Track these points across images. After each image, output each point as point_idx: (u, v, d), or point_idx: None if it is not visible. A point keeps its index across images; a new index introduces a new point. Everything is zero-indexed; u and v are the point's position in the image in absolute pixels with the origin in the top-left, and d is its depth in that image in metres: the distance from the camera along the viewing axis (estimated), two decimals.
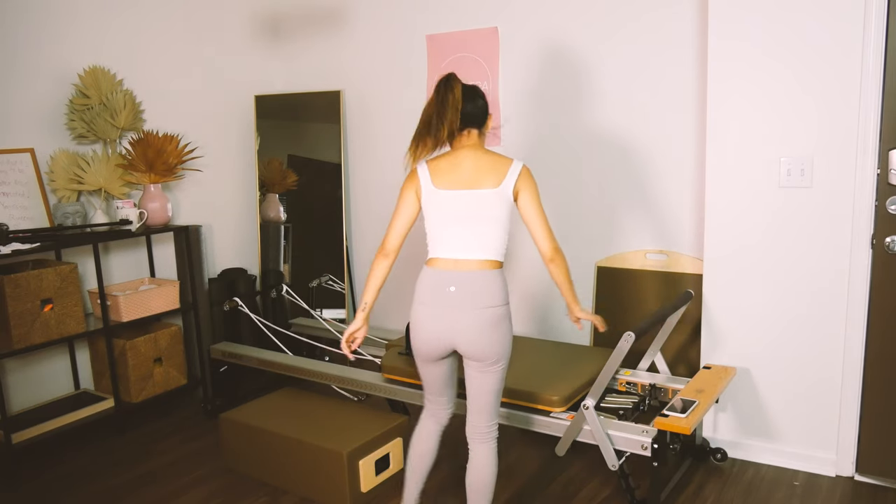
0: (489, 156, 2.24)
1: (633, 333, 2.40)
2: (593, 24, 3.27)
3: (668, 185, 3.21)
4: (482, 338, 2.15)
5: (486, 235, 2.19)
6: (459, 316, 2.15)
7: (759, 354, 2.90)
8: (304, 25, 4.21)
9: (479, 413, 2.26)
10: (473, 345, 2.16)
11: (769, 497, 2.68)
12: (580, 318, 2.35)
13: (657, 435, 2.44)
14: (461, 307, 2.15)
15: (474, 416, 2.27)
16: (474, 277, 2.16)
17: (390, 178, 4.04)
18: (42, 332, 3.04)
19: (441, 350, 2.22)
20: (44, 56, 3.30)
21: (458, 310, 2.15)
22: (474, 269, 2.17)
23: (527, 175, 2.23)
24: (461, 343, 2.18)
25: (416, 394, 2.98)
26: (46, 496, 2.89)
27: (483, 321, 2.15)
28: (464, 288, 2.16)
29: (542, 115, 3.48)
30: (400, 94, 3.92)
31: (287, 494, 2.83)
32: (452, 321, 2.16)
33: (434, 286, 2.19)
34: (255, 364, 3.51)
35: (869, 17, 2.50)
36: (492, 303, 2.16)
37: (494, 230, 2.19)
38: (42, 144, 3.31)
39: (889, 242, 2.62)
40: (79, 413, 3.23)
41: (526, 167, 2.24)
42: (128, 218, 3.37)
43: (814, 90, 2.63)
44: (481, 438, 2.27)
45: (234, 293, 3.86)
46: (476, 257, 2.18)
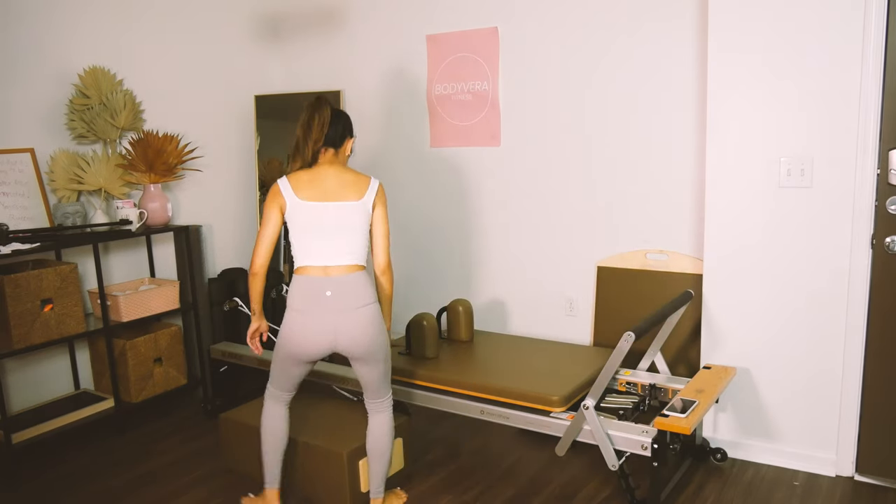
0: (350, 172, 2.49)
1: (633, 333, 2.40)
2: (594, 24, 3.27)
3: (669, 185, 3.21)
4: (365, 336, 2.39)
5: (352, 244, 2.42)
6: (340, 318, 2.37)
7: (759, 354, 2.90)
8: (304, 25, 4.21)
9: (374, 393, 2.54)
10: (357, 344, 2.39)
11: (769, 497, 2.68)
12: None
13: (657, 435, 2.44)
14: (339, 309, 2.36)
15: (369, 395, 2.55)
16: (347, 281, 2.38)
17: (390, 179, 4.04)
18: (42, 332, 3.04)
19: (319, 353, 2.43)
20: (44, 56, 3.30)
21: (337, 312, 2.36)
22: (345, 273, 2.39)
23: (382, 192, 2.52)
24: (344, 343, 2.39)
25: (416, 394, 2.98)
26: (46, 496, 2.89)
27: (362, 319, 2.38)
28: (339, 290, 2.37)
29: (541, 115, 3.48)
30: (400, 94, 3.92)
31: (287, 494, 2.83)
32: (335, 324, 2.37)
33: (309, 293, 2.38)
34: (255, 364, 3.51)
35: (869, 17, 2.50)
36: (366, 301, 2.40)
37: (359, 238, 2.43)
38: (42, 144, 3.31)
39: (889, 242, 2.62)
40: (79, 413, 3.23)
41: (381, 185, 2.54)
42: (128, 218, 3.37)
43: (814, 90, 2.63)
44: (377, 409, 2.55)
45: (234, 293, 3.86)
46: (345, 263, 2.40)
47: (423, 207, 3.95)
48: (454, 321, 3.34)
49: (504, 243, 3.72)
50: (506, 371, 2.92)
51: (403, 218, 4.04)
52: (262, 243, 2.42)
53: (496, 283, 3.78)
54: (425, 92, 3.83)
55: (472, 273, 3.86)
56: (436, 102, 3.80)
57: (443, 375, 2.93)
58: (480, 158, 3.71)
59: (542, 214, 3.57)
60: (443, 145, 3.82)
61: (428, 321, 3.10)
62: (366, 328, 2.39)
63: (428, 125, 3.86)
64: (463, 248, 3.86)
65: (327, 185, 2.42)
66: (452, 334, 3.36)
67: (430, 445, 3.22)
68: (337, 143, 2.51)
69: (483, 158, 3.71)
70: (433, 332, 3.10)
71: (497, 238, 3.74)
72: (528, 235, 3.63)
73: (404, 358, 3.12)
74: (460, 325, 3.33)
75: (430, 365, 3.03)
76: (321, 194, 2.41)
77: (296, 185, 2.41)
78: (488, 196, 3.72)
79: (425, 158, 3.90)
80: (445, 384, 2.91)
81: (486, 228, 3.76)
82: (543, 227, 3.57)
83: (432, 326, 3.10)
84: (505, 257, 3.73)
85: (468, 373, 2.92)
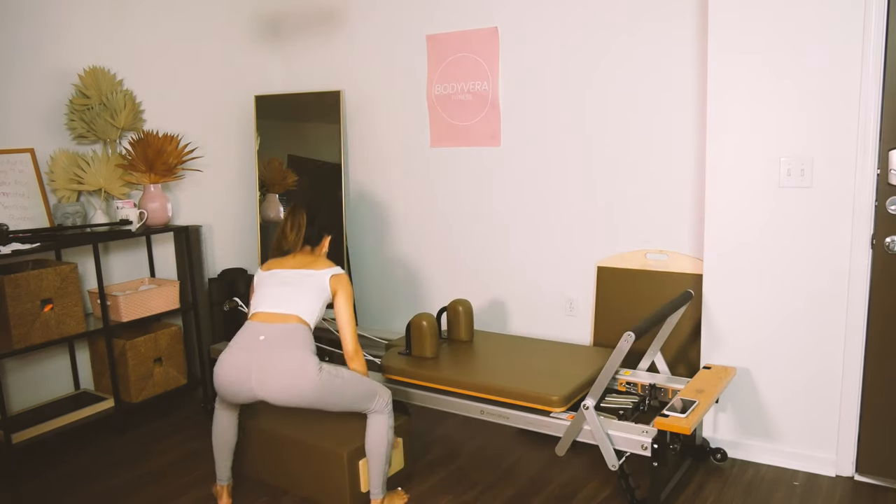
0: (316, 259, 2.71)
1: (633, 333, 2.40)
2: (594, 24, 3.27)
3: (669, 185, 3.21)
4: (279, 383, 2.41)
5: (299, 301, 2.55)
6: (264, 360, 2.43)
7: (759, 354, 2.90)
8: (304, 25, 4.21)
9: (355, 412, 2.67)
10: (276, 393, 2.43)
11: (769, 497, 2.68)
12: None
13: (657, 435, 2.44)
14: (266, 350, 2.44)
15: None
16: (281, 328, 2.49)
17: (390, 179, 4.04)
18: (42, 332, 3.04)
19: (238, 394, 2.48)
20: (44, 56, 3.30)
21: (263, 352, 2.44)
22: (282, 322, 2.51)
23: (343, 279, 2.64)
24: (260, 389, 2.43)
25: (416, 394, 2.98)
26: (46, 496, 2.89)
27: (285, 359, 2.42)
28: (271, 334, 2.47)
29: (541, 115, 3.49)
30: (400, 94, 3.92)
31: (287, 494, 2.83)
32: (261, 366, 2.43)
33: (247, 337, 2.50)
34: None
35: (869, 17, 2.50)
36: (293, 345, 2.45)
37: (306, 297, 2.57)
38: (42, 144, 3.31)
39: (889, 242, 2.62)
40: (79, 413, 3.23)
41: (344, 273, 2.67)
42: (128, 218, 3.37)
43: (814, 90, 2.64)
44: (369, 416, 2.61)
45: (234, 293, 3.86)
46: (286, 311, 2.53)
47: (423, 207, 3.95)
48: (454, 321, 3.34)
49: (504, 243, 3.72)
50: (506, 371, 2.92)
51: (403, 218, 4.04)
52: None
53: (496, 283, 3.78)
54: (425, 92, 3.83)
55: (472, 273, 3.86)
56: (436, 102, 3.80)
57: (443, 375, 2.93)
58: (480, 158, 3.71)
59: (543, 214, 3.57)
60: (443, 145, 3.82)
61: (428, 321, 3.10)
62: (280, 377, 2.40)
63: (428, 125, 3.86)
64: (463, 248, 3.86)
65: (290, 262, 2.69)
66: (452, 334, 3.36)
67: (430, 445, 3.22)
68: (314, 242, 2.78)
69: (483, 158, 3.71)
70: (433, 332, 3.10)
71: (497, 238, 3.74)
72: (528, 235, 3.63)
73: (404, 358, 3.12)
74: (460, 325, 3.33)
75: (430, 365, 3.03)
76: (282, 266, 2.68)
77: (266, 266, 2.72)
78: (488, 196, 3.72)
79: (425, 158, 3.90)
80: (445, 384, 2.91)
81: (487, 228, 3.76)
82: (543, 227, 3.57)
83: (432, 326, 3.10)
84: (505, 257, 3.73)
85: (468, 373, 2.92)
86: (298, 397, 2.42)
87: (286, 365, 2.41)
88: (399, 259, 4.10)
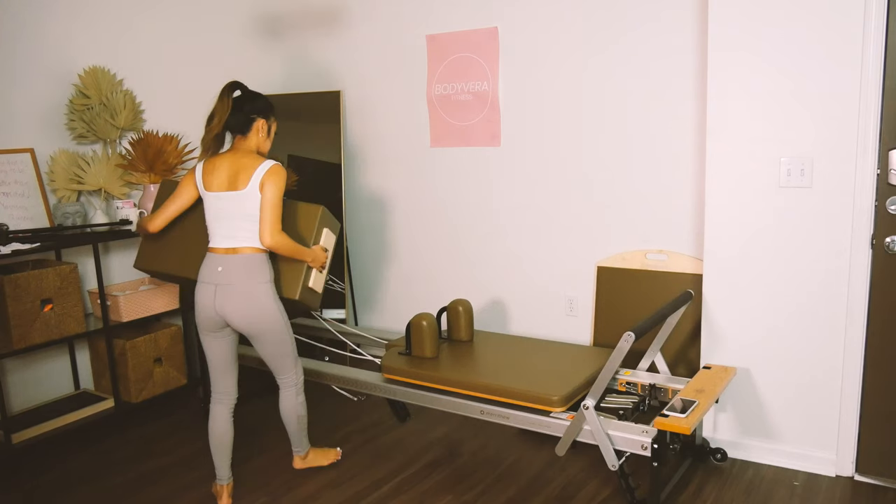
0: (246, 158, 2.62)
1: (633, 333, 2.40)
2: (594, 24, 3.27)
3: (669, 185, 3.21)
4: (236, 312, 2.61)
5: (244, 229, 2.61)
6: (221, 290, 2.61)
7: (759, 354, 2.90)
8: (304, 25, 4.20)
9: (274, 371, 2.83)
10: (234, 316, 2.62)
11: (769, 497, 2.68)
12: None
13: (657, 435, 2.44)
14: (222, 283, 2.60)
15: (273, 372, 2.84)
16: (237, 260, 2.60)
17: (390, 179, 4.04)
18: (42, 332, 3.04)
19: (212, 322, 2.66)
20: (44, 56, 3.30)
21: (223, 285, 2.60)
22: (237, 254, 2.61)
23: (271, 175, 2.59)
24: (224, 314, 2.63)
25: (416, 394, 2.98)
26: (46, 496, 2.89)
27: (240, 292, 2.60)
28: (228, 267, 2.60)
29: (541, 115, 3.49)
30: (400, 94, 3.92)
31: (287, 494, 2.83)
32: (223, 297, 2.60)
33: (208, 267, 2.64)
34: (256, 364, 3.51)
35: (869, 17, 2.50)
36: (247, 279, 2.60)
37: (246, 225, 2.61)
38: (42, 144, 3.31)
39: (889, 242, 2.62)
40: (79, 413, 3.23)
41: (275, 166, 2.61)
42: (128, 218, 3.37)
43: (814, 90, 2.64)
44: (281, 386, 2.85)
45: None
46: (236, 245, 2.62)
47: (423, 207, 3.95)
48: (454, 321, 3.34)
49: (504, 243, 3.72)
50: (506, 371, 2.92)
51: (403, 218, 4.04)
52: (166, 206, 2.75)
53: (496, 283, 3.78)
54: (425, 92, 3.83)
55: (472, 273, 3.86)
56: (436, 102, 3.80)
57: (443, 375, 2.93)
58: (480, 158, 3.71)
59: (543, 214, 3.57)
60: (443, 145, 3.82)
61: (428, 321, 3.10)
62: (229, 305, 2.60)
63: (428, 125, 3.86)
64: (463, 248, 3.86)
65: (222, 173, 2.63)
66: (452, 334, 3.36)
67: (430, 445, 3.22)
68: (242, 129, 2.66)
69: (483, 158, 3.71)
70: (433, 332, 3.10)
71: (497, 238, 3.74)
72: (528, 235, 3.63)
73: (404, 358, 3.12)
74: (460, 325, 3.33)
75: (430, 365, 3.03)
76: (217, 184, 2.63)
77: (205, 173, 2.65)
78: (488, 196, 3.72)
79: (425, 158, 3.90)
80: (445, 384, 2.91)
81: (487, 228, 3.76)
82: (543, 227, 3.57)
83: (432, 326, 3.10)
84: (505, 257, 3.73)
85: (468, 373, 2.92)
86: (254, 324, 2.64)
87: (242, 296, 2.60)
88: (399, 259, 4.10)
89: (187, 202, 2.74)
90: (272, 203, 2.58)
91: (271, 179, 2.58)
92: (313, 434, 3.34)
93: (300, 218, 2.84)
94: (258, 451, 3.23)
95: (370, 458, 3.10)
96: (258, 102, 2.66)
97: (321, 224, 2.84)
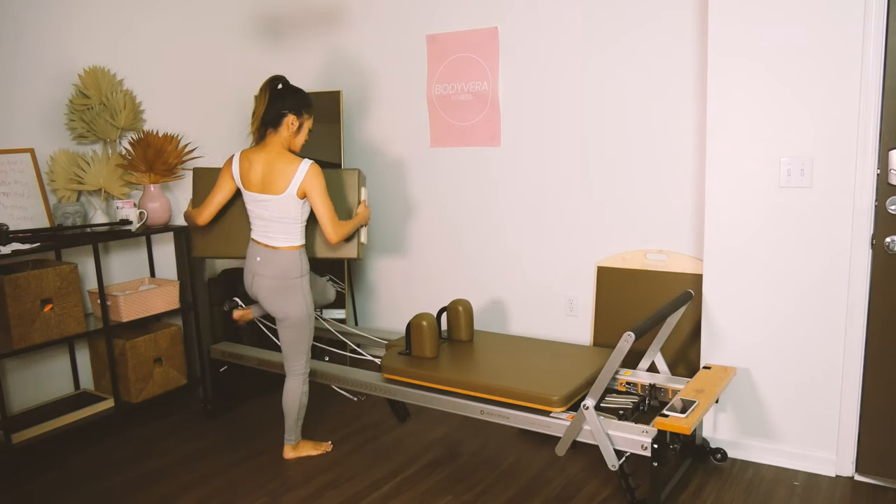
0: (280, 161, 2.76)
1: (633, 333, 2.40)
2: (594, 24, 3.27)
3: (669, 185, 3.21)
4: (265, 300, 2.90)
5: (279, 231, 2.82)
6: (256, 279, 2.89)
7: (759, 354, 2.90)
8: (304, 25, 4.20)
9: (285, 357, 3.02)
10: (265, 302, 2.91)
11: (769, 497, 2.68)
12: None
13: (657, 435, 2.44)
14: (258, 273, 2.87)
15: (285, 358, 3.02)
16: (273, 256, 2.84)
17: (390, 179, 4.04)
18: (42, 332, 3.04)
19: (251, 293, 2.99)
20: (44, 56, 3.30)
21: (259, 275, 2.87)
22: (274, 250, 2.84)
23: (308, 179, 2.75)
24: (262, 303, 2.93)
25: (416, 394, 2.98)
26: (47, 496, 2.89)
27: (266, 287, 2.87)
28: (265, 261, 2.85)
29: (541, 115, 3.49)
30: (400, 94, 3.92)
31: (287, 494, 2.83)
32: (258, 285, 2.89)
33: (249, 255, 2.93)
34: (255, 364, 3.51)
35: (869, 17, 2.50)
36: (282, 275, 2.84)
37: (283, 227, 2.82)
38: (42, 144, 3.31)
39: (889, 242, 2.62)
40: (79, 413, 3.23)
41: (311, 169, 2.75)
42: (128, 218, 3.37)
43: (814, 90, 2.64)
44: (288, 373, 3.03)
45: (234, 293, 3.86)
46: (274, 244, 2.84)
47: (423, 207, 3.95)
48: (454, 321, 3.34)
49: (504, 243, 3.72)
50: (506, 371, 2.92)
51: (403, 218, 4.04)
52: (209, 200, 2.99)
53: (496, 283, 3.78)
54: (425, 92, 3.83)
55: (472, 273, 3.86)
56: (436, 102, 3.80)
57: (443, 375, 2.93)
58: (480, 158, 3.72)
59: (542, 214, 3.57)
60: (443, 145, 3.82)
61: (428, 321, 3.10)
62: (263, 290, 2.88)
63: (428, 125, 3.86)
64: (463, 247, 3.86)
65: (257, 172, 2.79)
66: (452, 334, 3.36)
67: (430, 445, 3.22)
68: (274, 124, 2.77)
69: (483, 158, 3.71)
70: (433, 332, 3.10)
71: (497, 238, 3.74)
72: (528, 235, 3.63)
73: (404, 358, 3.12)
74: (460, 325, 3.33)
75: (430, 365, 3.03)
76: (253, 184, 2.81)
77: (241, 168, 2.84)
78: (488, 196, 3.72)
79: (425, 158, 3.90)
80: (445, 384, 2.91)
81: (487, 228, 3.76)
82: (543, 227, 3.58)
83: (432, 326, 3.10)
84: (505, 257, 3.73)
85: (468, 373, 2.92)
86: (280, 312, 2.89)
87: (274, 288, 2.85)
88: (399, 259, 4.10)
89: (228, 194, 2.95)
90: (324, 205, 2.78)
91: (313, 184, 2.75)
92: (314, 435, 3.34)
93: (343, 184, 3.09)
94: (258, 451, 3.23)
95: (370, 458, 3.11)
96: (291, 99, 2.75)
97: (360, 184, 3.09)
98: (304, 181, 2.73)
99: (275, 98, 2.72)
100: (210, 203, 2.97)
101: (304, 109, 2.78)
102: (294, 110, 2.74)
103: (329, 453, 3.16)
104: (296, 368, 3.01)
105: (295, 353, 2.99)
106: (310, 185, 2.74)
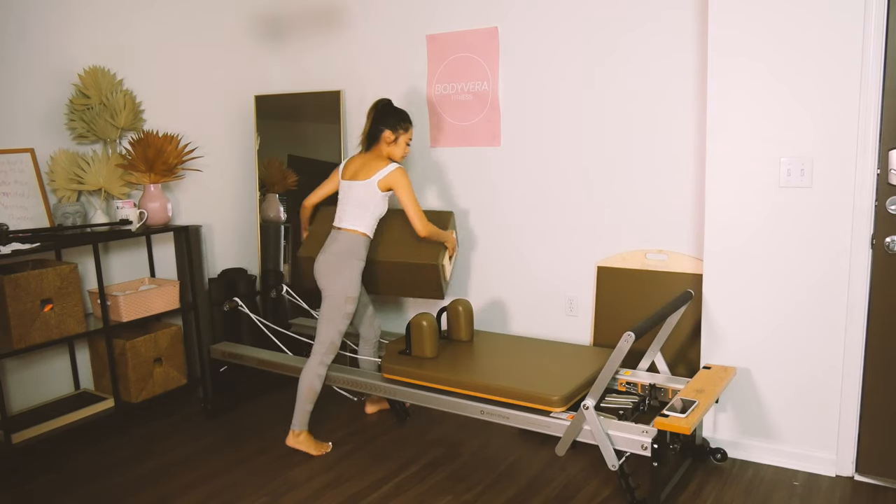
0: (375, 161, 3.14)
1: (633, 333, 2.40)
2: (594, 24, 3.27)
3: (669, 185, 3.21)
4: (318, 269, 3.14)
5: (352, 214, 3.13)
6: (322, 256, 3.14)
7: (759, 354, 2.90)
8: (304, 25, 4.21)
9: (316, 335, 3.18)
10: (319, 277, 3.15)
11: (769, 497, 2.68)
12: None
13: (657, 435, 2.44)
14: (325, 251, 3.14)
15: (316, 337, 3.18)
16: (339, 236, 3.13)
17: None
18: (42, 332, 3.04)
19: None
20: (44, 56, 3.30)
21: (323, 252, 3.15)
22: (341, 231, 3.13)
23: (392, 178, 3.09)
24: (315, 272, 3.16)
25: (416, 394, 2.98)
26: (47, 496, 2.89)
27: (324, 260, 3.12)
28: (332, 240, 3.14)
29: (541, 115, 3.49)
30: (400, 94, 3.92)
31: (287, 494, 2.83)
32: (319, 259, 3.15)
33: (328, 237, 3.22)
34: (255, 364, 3.51)
35: (869, 18, 2.50)
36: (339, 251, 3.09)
37: (355, 210, 3.12)
38: (42, 144, 3.31)
39: (889, 242, 2.62)
40: (79, 413, 3.23)
41: (394, 171, 3.09)
42: (128, 218, 3.37)
43: (814, 90, 2.64)
44: (312, 353, 3.17)
45: (234, 293, 3.86)
46: (342, 225, 3.14)
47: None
48: (454, 321, 3.34)
49: (504, 243, 3.72)
50: (506, 371, 2.92)
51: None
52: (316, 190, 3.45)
53: (496, 283, 3.78)
54: (425, 92, 3.83)
55: (473, 273, 3.86)
56: (436, 102, 3.80)
57: (443, 375, 2.93)
58: (480, 158, 3.72)
59: (542, 214, 3.57)
60: (443, 145, 3.82)
61: (428, 321, 3.10)
62: (321, 265, 3.12)
63: (428, 125, 3.86)
64: (463, 247, 3.86)
65: (353, 167, 3.18)
66: (452, 334, 3.36)
67: (430, 445, 3.22)
68: (375, 139, 3.16)
69: (483, 158, 3.71)
70: (433, 332, 3.10)
71: (497, 238, 3.74)
72: (528, 235, 3.63)
73: (404, 358, 3.12)
74: (460, 325, 3.33)
75: (430, 365, 3.03)
76: (348, 174, 3.19)
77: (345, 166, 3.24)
78: (488, 196, 3.72)
79: (425, 158, 3.90)
80: (445, 384, 2.91)
81: (486, 228, 3.76)
82: (543, 227, 3.57)
83: (432, 326, 3.10)
84: (505, 257, 3.73)
85: (468, 373, 2.92)
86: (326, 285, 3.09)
87: (330, 262, 3.10)
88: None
89: (333, 188, 3.36)
90: (410, 200, 3.10)
91: (397, 182, 3.08)
92: (314, 435, 3.34)
93: (436, 219, 3.42)
94: (258, 451, 3.23)
95: (370, 458, 3.11)
96: (389, 118, 3.14)
97: (451, 224, 3.45)
98: (388, 176, 3.07)
99: (377, 117, 3.14)
100: (318, 191, 3.42)
101: (400, 126, 3.15)
102: (391, 127, 3.13)
103: (329, 453, 3.17)
104: (318, 348, 3.14)
105: (324, 332, 3.12)
106: (395, 182, 3.08)
